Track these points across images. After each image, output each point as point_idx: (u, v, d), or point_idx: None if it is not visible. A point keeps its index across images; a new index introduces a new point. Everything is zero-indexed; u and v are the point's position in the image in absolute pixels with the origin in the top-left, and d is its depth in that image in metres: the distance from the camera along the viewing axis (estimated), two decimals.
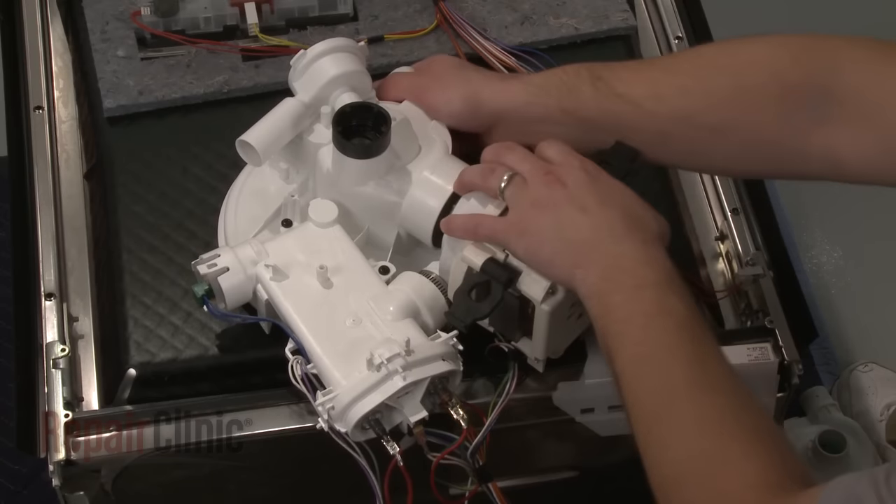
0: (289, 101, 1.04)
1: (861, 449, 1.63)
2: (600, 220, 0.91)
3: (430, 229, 1.01)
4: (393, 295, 0.98)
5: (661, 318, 0.87)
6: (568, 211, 0.92)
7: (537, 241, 0.92)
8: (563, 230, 0.91)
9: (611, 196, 0.93)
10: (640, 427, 0.85)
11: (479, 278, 0.94)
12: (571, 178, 0.93)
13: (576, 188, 0.93)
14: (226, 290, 0.99)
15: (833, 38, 0.95)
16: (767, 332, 1.07)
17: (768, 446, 0.82)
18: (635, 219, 0.92)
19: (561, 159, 0.95)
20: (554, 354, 1.00)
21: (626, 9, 1.25)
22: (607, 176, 0.95)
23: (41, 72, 1.22)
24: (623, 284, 0.88)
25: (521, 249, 0.93)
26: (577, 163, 0.94)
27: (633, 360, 0.87)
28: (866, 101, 0.90)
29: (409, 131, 1.02)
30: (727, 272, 1.15)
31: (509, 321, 0.97)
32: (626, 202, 0.93)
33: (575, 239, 0.91)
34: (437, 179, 1.01)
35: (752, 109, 0.95)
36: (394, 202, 1.02)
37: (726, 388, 0.85)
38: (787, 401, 1.07)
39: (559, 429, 1.05)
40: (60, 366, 1.04)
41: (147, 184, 1.14)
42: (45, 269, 1.10)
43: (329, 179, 1.03)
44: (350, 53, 1.05)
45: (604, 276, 0.89)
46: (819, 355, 1.83)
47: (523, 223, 0.93)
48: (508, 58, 1.19)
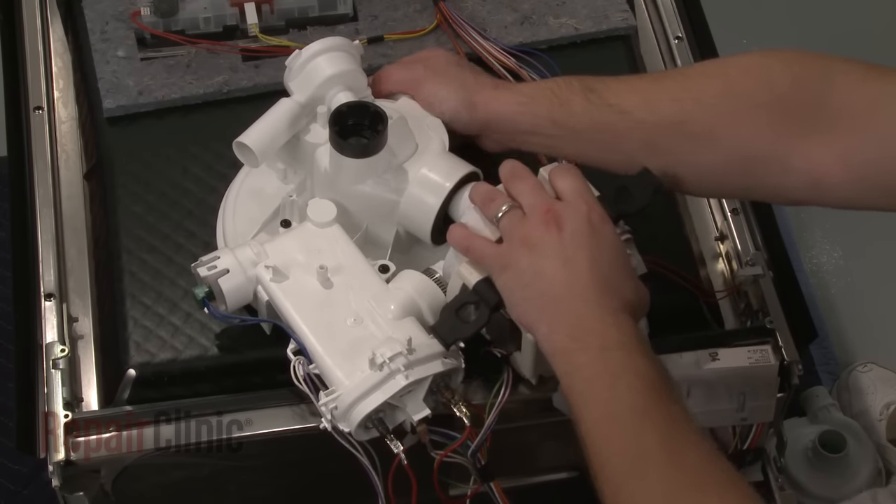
0: (285, 102, 1.04)
1: (861, 449, 1.63)
2: (579, 278, 0.89)
3: (428, 227, 1.01)
4: (394, 294, 0.98)
5: (628, 378, 0.86)
6: (551, 260, 0.90)
7: (514, 281, 0.92)
8: (539, 278, 0.90)
9: (602, 256, 0.91)
10: (609, 487, 0.84)
11: (469, 298, 0.94)
12: (570, 225, 0.91)
13: (570, 237, 0.91)
14: (226, 292, 0.99)
15: (826, 55, 0.94)
16: (767, 333, 1.07)
17: (742, 501, 0.81)
18: (614, 287, 0.90)
19: (570, 198, 0.93)
20: (546, 373, 1.00)
21: (626, 9, 1.25)
22: (609, 230, 0.92)
23: (41, 72, 1.22)
24: (589, 345, 0.87)
25: (499, 282, 0.93)
26: (584, 208, 0.92)
27: (601, 420, 0.86)
28: (856, 116, 0.89)
29: (405, 129, 1.02)
30: (727, 272, 1.15)
31: (501, 336, 0.97)
32: (614, 266, 0.91)
33: (547, 292, 0.90)
34: (435, 176, 1.01)
35: (741, 115, 0.94)
36: (392, 200, 1.02)
37: (697, 448, 0.84)
38: (787, 401, 1.07)
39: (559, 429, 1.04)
40: (60, 366, 1.04)
41: (147, 184, 1.14)
42: (45, 270, 1.10)
43: (327, 179, 1.03)
44: (345, 53, 1.05)
45: (570, 336, 0.88)
46: (819, 355, 1.82)
47: (508, 258, 0.92)
48: (508, 58, 1.19)
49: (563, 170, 0.96)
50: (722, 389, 1.04)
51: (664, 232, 1.14)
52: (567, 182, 0.94)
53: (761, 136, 0.93)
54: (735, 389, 1.04)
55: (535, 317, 0.90)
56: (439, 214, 1.01)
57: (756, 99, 0.94)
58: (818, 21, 2.17)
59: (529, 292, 0.91)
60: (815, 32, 2.16)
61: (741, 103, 0.94)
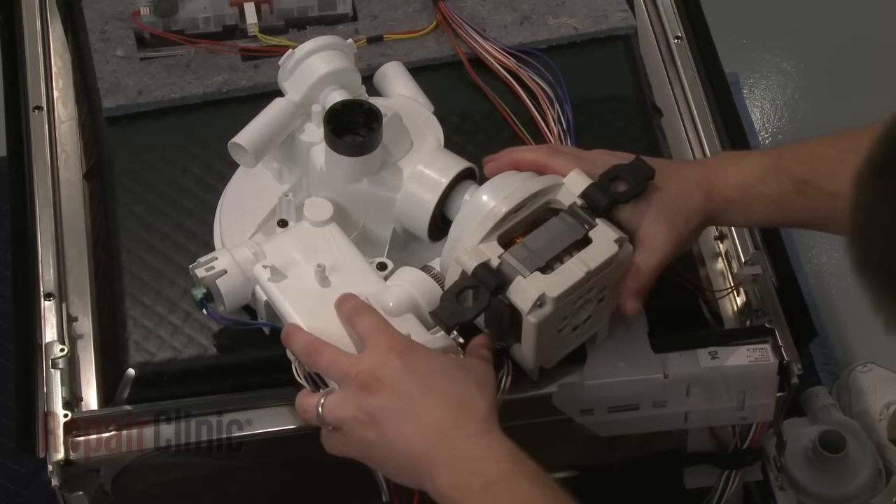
0: (279, 102, 1.04)
1: (861, 449, 1.63)
2: (428, 422, 0.88)
3: (425, 223, 1.01)
4: (392, 291, 0.98)
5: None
6: (393, 423, 0.88)
7: (375, 458, 0.91)
8: (394, 447, 0.89)
9: (431, 377, 0.89)
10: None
11: (468, 282, 0.93)
12: (385, 372, 0.89)
13: (393, 383, 0.89)
14: (224, 292, 0.99)
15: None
16: (767, 332, 1.07)
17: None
18: (462, 406, 0.89)
19: (368, 339, 0.91)
20: (547, 364, 1.00)
21: (626, 9, 1.25)
22: (419, 348, 0.91)
23: (41, 72, 1.22)
24: (472, 487, 0.86)
25: (371, 463, 0.92)
26: (384, 344, 0.90)
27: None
28: None
29: (400, 126, 1.02)
30: (727, 272, 1.15)
31: (501, 326, 0.97)
32: (449, 381, 0.90)
33: (410, 453, 0.88)
34: (431, 173, 1.01)
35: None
36: (388, 198, 1.02)
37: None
38: (786, 401, 1.07)
39: (559, 428, 1.05)
40: (60, 366, 1.04)
41: (146, 183, 1.14)
42: (45, 269, 1.10)
43: (322, 178, 1.03)
44: (338, 51, 1.05)
45: (452, 485, 0.87)
46: (819, 355, 1.82)
47: (353, 443, 0.91)
48: (507, 58, 1.19)
49: (354, 309, 0.94)
50: (721, 388, 1.04)
51: None
52: (362, 323, 0.93)
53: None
54: (735, 388, 1.04)
55: (415, 480, 0.89)
56: (436, 211, 1.01)
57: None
58: (818, 21, 2.17)
59: (396, 463, 0.90)
60: (815, 32, 2.16)
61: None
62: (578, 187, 0.97)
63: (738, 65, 2.11)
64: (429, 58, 1.21)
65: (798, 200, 0.96)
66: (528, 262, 0.93)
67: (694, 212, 0.99)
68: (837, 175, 0.94)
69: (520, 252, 0.94)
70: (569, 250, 0.94)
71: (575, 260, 0.93)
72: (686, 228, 0.99)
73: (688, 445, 1.12)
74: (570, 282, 0.93)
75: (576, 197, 0.97)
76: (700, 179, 0.99)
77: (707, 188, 0.99)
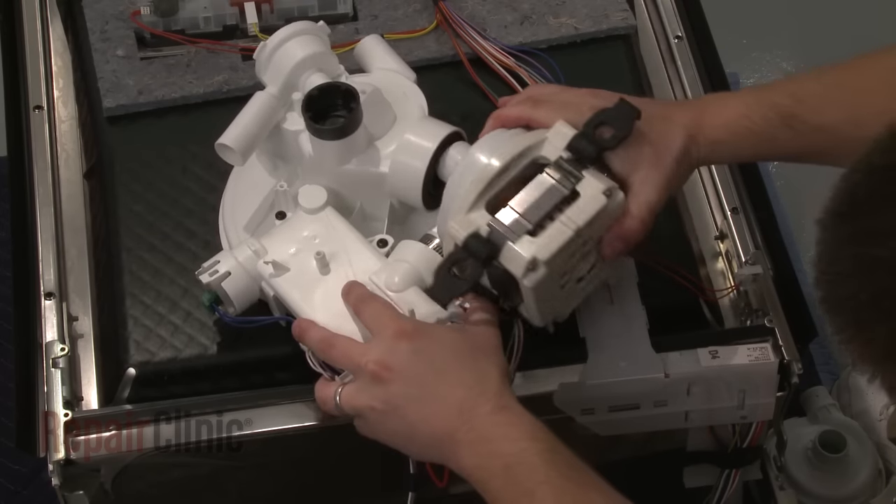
0: (259, 95, 1.04)
1: (861, 449, 1.63)
2: (445, 404, 0.88)
3: (419, 192, 1.00)
4: (394, 267, 0.97)
5: (542, 490, 0.85)
6: (411, 409, 0.89)
7: (399, 443, 0.91)
8: (415, 431, 0.89)
9: (442, 358, 0.90)
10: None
11: (459, 255, 0.92)
12: (395, 359, 0.90)
13: (404, 370, 0.89)
14: (231, 294, 0.99)
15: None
16: (767, 332, 1.07)
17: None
18: (476, 381, 0.89)
19: (375, 327, 0.92)
20: (559, 318, 0.99)
21: (626, 8, 1.25)
22: (425, 329, 0.92)
23: (41, 71, 1.22)
24: (494, 469, 0.86)
25: (395, 446, 0.92)
26: (390, 330, 0.91)
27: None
28: None
29: (381, 101, 1.02)
30: (727, 271, 1.15)
31: (505, 289, 0.95)
32: (459, 358, 0.90)
33: (433, 435, 0.89)
34: (418, 140, 1.00)
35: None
36: (380, 174, 1.01)
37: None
38: (786, 400, 1.07)
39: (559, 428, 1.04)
40: (60, 365, 1.04)
41: (147, 183, 1.14)
42: (45, 269, 1.10)
43: (312, 164, 1.03)
44: (311, 35, 1.04)
45: (475, 465, 0.87)
46: (819, 355, 1.82)
47: (376, 430, 0.92)
48: (508, 58, 1.19)
49: (357, 300, 0.94)
50: (722, 387, 1.04)
51: (664, 231, 1.13)
52: (367, 313, 0.93)
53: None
54: (735, 387, 1.04)
55: (439, 458, 0.90)
56: (427, 177, 1.00)
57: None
58: (818, 21, 2.17)
59: (419, 444, 0.90)
60: (815, 32, 2.16)
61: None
62: (563, 140, 0.95)
63: (738, 65, 2.11)
64: (429, 57, 1.21)
65: (786, 134, 0.96)
66: (516, 227, 0.91)
67: (681, 154, 0.97)
68: (824, 109, 0.94)
69: (507, 216, 0.92)
70: (559, 206, 0.92)
71: (563, 217, 0.91)
72: (674, 172, 0.97)
73: (688, 444, 1.12)
74: (560, 242, 0.91)
75: (561, 150, 0.94)
76: (686, 121, 0.98)
77: (693, 130, 0.98)
